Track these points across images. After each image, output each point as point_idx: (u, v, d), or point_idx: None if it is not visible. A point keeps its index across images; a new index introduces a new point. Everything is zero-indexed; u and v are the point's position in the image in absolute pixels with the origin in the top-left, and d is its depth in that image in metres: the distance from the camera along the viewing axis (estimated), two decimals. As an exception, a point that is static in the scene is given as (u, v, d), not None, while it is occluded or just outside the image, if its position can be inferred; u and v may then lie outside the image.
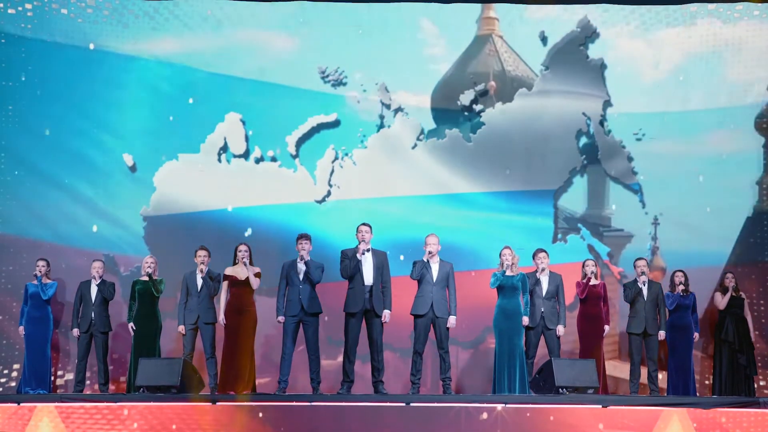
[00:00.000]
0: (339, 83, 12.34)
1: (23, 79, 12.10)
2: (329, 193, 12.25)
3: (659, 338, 10.67)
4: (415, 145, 12.30)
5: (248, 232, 11.83)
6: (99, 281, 10.85)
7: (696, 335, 10.97)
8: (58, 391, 11.30)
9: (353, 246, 10.05)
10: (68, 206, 12.08)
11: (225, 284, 10.36)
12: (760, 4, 12.16)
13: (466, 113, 12.29)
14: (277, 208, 12.16)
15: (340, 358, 10.28)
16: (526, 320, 10.19)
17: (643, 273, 10.69)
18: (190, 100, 12.19)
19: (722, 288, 11.25)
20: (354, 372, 9.97)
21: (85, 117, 12.19)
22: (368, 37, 12.36)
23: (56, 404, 9.07)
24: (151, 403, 9.04)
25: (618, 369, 11.51)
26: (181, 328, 10.39)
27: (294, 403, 9.22)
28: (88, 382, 10.98)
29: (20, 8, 12.13)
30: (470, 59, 12.33)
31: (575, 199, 12.21)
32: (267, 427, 8.92)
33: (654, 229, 12.10)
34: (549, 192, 12.22)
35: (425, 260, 10.02)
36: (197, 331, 10.39)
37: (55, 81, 12.15)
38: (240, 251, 10.32)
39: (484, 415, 8.96)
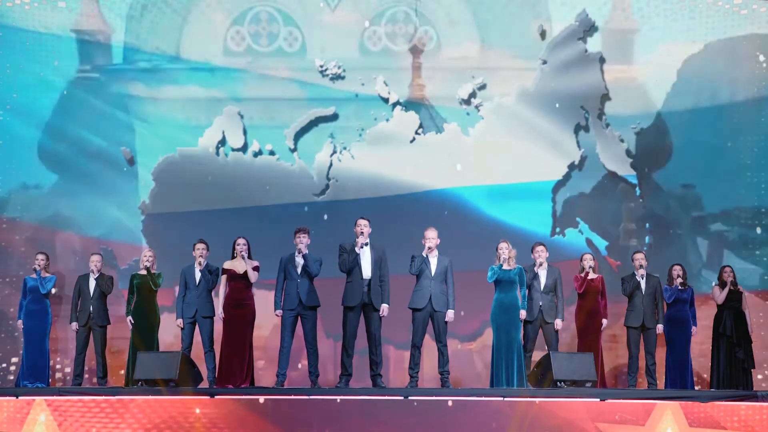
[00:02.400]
0: (337, 77, 12.34)
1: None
2: (327, 187, 12.26)
3: (657, 332, 10.69)
4: (413, 139, 12.30)
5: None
6: (97, 275, 10.84)
7: (694, 329, 10.97)
8: (56, 384, 11.31)
9: (351, 240, 10.05)
10: (66, 199, 12.09)
11: (224, 278, 10.34)
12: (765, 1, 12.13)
13: (464, 106, 12.30)
14: (275, 202, 12.16)
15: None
16: (523, 314, 10.18)
17: (641, 266, 10.69)
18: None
19: (720, 282, 11.24)
20: (352, 365, 9.97)
21: (83, 110, 12.21)
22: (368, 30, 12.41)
23: (55, 398, 9.06)
24: (150, 397, 9.03)
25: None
26: (180, 322, 10.38)
27: (292, 397, 9.23)
28: (86, 375, 10.98)
29: (18, 0, 12.15)
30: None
31: (574, 193, 12.22)
32: (265, 421, 8.92)
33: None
34: (547, 186, 12.21)
35: (424, 255, 10.02)
36: (195, 325, 10.39)
37: (53, 73, 12.19)
38: (238, 245, 10.28)
39: (482, 409, 8.96)
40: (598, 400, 9.08)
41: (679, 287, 10.86)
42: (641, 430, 8.86)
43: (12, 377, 11.47)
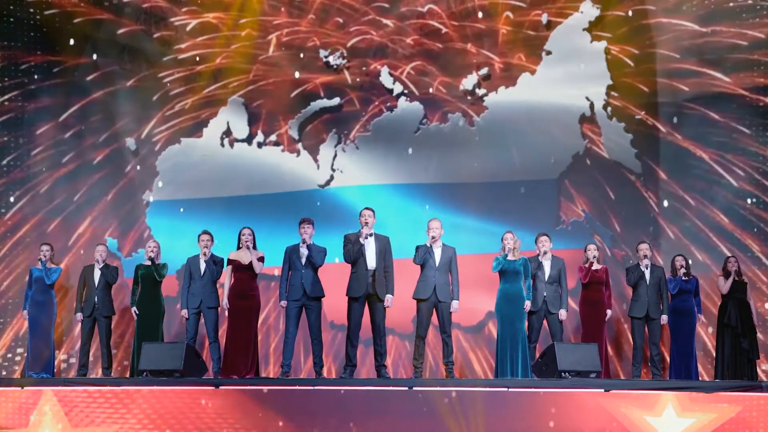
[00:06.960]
0: (342, 68, 12.34)
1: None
2: (332, 178, 12.27)
3: (661, 323, 10.70)
4: (418, 130, 12.30)
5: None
6: (102, 265, 10.87)
7: (700, 317, 10.96)
8: (61, 375, 11.34)
9: (356, 230, 10.05)
10: (71, 191, 12.11)
11: (228, 268, 10.35)
12: None
13: (469, 97, 12.29)
14: (279, 192, 12.17)
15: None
16: (528, 305, 10.19)
17: (645, 257, 10.69)
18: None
19: (725, 272, 11.23)
20: (356, 356, 9.98)
21: (88, 102, 12.24)
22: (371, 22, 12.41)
23: (60, 388, 9.07)
24: (154, 387, 9.04)
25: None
26: (184, 313, 10.40)
27: (297, 387, 9.23)
28: (91, 366, 11.01)
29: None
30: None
31: (578, 184, 12.20)
32: (270, 411, 8.92)
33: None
34: (552, 176, 12.19)
35: (428, 245, 10.02)
36: (200, 316, 10.41)
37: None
38: (243, 235, 10.29)
39: (487, 399, 8.96)
40: (603, 390, 9.08)
41: (683, 278, 10.85)
42: (641, 403, 8.84)
43: (18, 368, 11.50)
